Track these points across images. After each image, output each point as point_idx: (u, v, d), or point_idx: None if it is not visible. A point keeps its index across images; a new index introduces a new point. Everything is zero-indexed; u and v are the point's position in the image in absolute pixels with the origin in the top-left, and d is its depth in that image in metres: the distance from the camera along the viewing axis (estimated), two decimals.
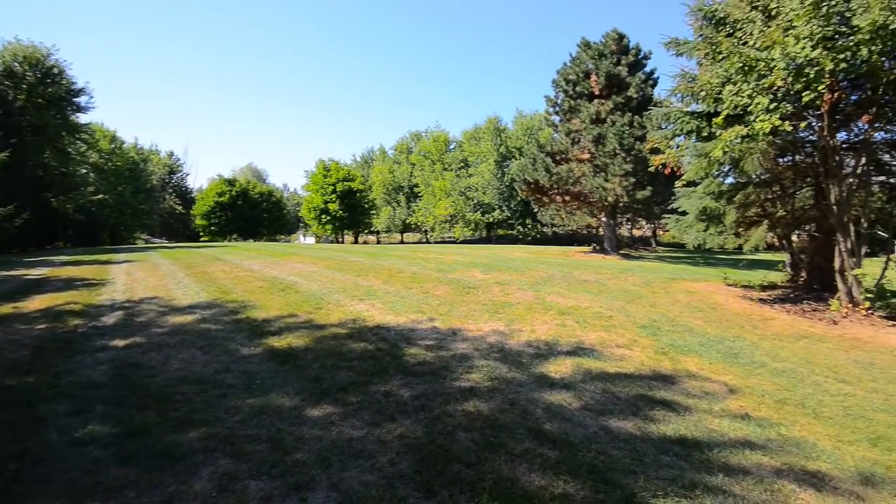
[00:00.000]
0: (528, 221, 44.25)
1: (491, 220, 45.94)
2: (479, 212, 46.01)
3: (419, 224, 53.63)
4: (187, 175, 60.17)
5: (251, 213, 51.76)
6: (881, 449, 3.39)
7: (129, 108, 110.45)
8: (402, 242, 55.15)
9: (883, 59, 6.23)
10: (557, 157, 21.42)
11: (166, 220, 51.89)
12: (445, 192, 48.02)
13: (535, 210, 28.94)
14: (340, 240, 55.50)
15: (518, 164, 34.21)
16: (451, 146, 55.74)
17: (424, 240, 56.35)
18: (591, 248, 23.39)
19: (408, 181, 57.12)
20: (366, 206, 52.22)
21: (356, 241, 56.79)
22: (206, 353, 5.02)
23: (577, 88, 21.33)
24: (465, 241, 47.05)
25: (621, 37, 21.13)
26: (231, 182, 52.48)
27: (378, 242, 59.47)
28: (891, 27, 5.73)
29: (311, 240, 62.24)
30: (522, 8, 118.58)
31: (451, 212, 47.23)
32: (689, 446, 3.24)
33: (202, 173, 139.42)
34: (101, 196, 34.13)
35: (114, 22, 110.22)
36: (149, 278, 10.02)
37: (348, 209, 48.67)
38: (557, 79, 22.33)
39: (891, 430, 3.71)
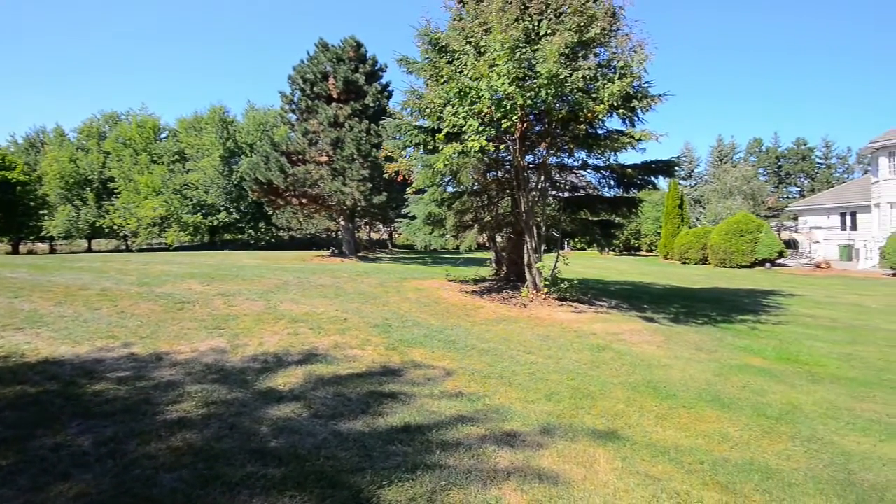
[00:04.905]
0: (261, 225, 42.09)
1: (215, 223, 41.61)
2: (199, 213, 41.05)
3: (117, 228, 44.24)
4: None
5: None
6: (553, 402, 4.49)
7: None
8: (90, 251, 44.62)
9: (555, 101, 8.25)
10: (294, 158, 21.10)
11: None
12: (154, 189, 41.06)
13: (270, 213, 27.79)
14: None
15: (249, 162, 32.23)
16: (163, 135, 47.97)
17: (124, 247, 46.88)
18: (330, 251, 23.98)
19: (99, 174, 46.41)
20: (31, 203, 40.74)
21: (16, 252, 43.08)
22: None
23: (315, 89, 21.47)
24: (181, 248, 41.10)
25: (359, 45, 22.27)
26: None
27: (53, 252, 46.45)
28: (560, 77, 7.72)
29: None
30: None
31: (162, 213, 40.59)
32: (412, 432, 3.61)
33: None
34: None
35: None
36: None
37: (2, 208, 36.80)
38: (294, 76, 22.02)
39: (560, 386, 4.96)
